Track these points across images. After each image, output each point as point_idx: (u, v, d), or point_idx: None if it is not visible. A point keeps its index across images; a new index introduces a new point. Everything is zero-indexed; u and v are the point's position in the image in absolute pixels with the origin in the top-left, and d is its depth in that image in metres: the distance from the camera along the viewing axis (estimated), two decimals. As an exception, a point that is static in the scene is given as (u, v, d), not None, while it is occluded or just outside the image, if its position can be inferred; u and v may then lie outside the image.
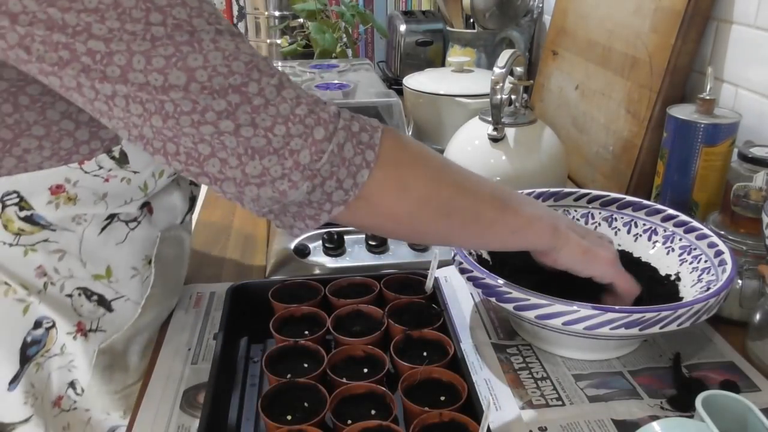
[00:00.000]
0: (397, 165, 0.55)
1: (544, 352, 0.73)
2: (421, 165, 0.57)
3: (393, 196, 0.55)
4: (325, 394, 0.60)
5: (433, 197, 0.57)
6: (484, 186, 0.62)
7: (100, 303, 0.68)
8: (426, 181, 0.57)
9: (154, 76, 0.46)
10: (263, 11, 2.11)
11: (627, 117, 1.05)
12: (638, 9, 1.04)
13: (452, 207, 0.58)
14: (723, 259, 0.71)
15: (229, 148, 0.48)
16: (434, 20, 1.70)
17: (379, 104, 1.16)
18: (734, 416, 0.52)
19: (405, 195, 0.55)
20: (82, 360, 0.68)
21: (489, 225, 0.61)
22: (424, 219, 0.58)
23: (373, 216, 0.58)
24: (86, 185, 0.61)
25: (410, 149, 0.57)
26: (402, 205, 0.56)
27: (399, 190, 0.55)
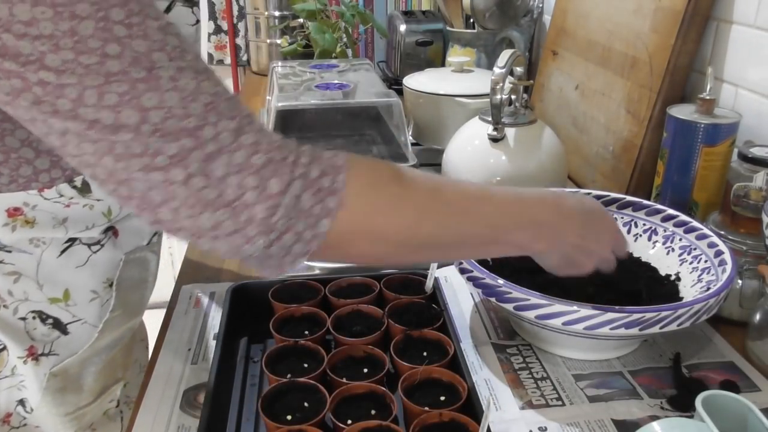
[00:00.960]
0: (367, 209, 0.49)
1: (544, 352, 0.73)
2: (397, 207, 0.51)
3: (364, 243, 0.51)
4: (325, 394, 0.60)
5: (412, 237, 0.52)
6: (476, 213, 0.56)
7: (55, 326, 0.67)
8: (402, 226, 0.51)
9: (105, 113, 0.42)
10: (263, 11, 2.11)
11: (627, 117, 1.05)
12: (638, 9, 1.04)
13: (438, 242, 0.54)
14: (723, 259, 0.71)
15: (181, 198, 0.45)
16: (434, 20, 1.70)
17: (379, 104, 1.16)
18: (734, 416, 0.52)
19: (378, 241, 0.51)
20: (32, 382, 0.68)
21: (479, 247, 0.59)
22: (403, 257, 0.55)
23: (349, 258, 0.56)
24: (45, 209, 0.60)
25: (384, 189, 0.50)
26: (376, 249, 0.52)
27: (370, 237, 0.50)
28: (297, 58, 1.72)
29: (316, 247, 0.48)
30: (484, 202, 0.56)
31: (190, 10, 0.64)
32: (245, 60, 2.46)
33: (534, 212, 0.60)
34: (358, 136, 1.21)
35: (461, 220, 0.54)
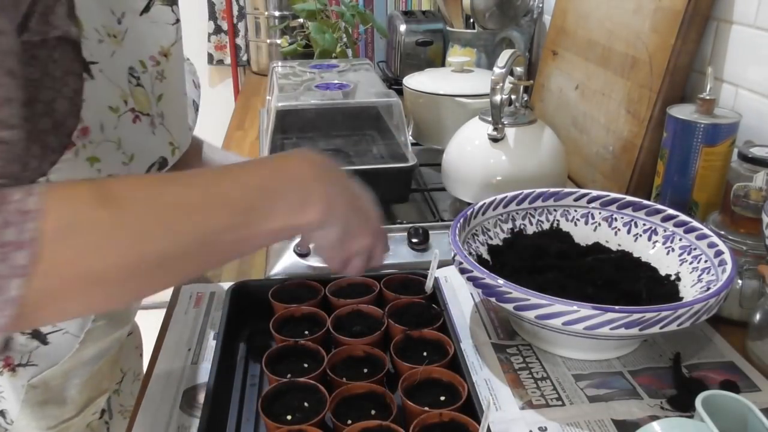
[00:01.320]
0: (71, 256, 0.41)
1: (544, 352, 0.73)
2: (109, 236, 0.42)
3: (78, 294, 0.42)
4: (325, 394, 0.60)
5: (136, 267, 0.43)
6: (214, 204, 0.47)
7: (34, 336, 0.64)
8: (120, 257, 0.42)
9: None
10: (263, 11, 2.12)
11: (627, 117, 1.05)
12: (638, 9, 1.04)
13: (173, 259, 0.45)
14: (723, 259, 0.71)
15: None
16: (434, 20, 1.70)
17: (379, 104, 1.16)
18: (734, 416, 0.52)
19: (95, 285, 0.42)
20: (10, 393, 0.65)
21: (235, 246, 0.49)
22: (136, 291, 0.46)
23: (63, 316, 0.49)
24: None
25: (88, 221, 0.41)
26: (95, 295, 0.43)
27: (84, 284, 0.42)
28: (297, 58, 1.72)
29: (12, 316, 0.39)
30: (221, 185, 0.48)
31: (169, 8, 0.64)
32: (245, 60, 2.47)
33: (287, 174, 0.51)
34: (358, 136, 1.21)
35: (196, 219, 0.46)
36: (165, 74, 0.64)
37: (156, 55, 0.63)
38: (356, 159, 1.13)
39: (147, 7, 0.62)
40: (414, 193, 1.10)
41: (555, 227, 0.87)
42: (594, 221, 0.87)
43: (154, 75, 0.63)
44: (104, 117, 0.58)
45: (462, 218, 0.79)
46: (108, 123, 0.58)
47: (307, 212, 0.51)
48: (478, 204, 0.83)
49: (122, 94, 0.60)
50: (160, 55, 0.63)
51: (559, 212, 0.88)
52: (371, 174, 1.03)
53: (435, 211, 1.05)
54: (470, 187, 1.01)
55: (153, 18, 0.62)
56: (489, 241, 0.83)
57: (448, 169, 1.05)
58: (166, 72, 0.64)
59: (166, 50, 0.64)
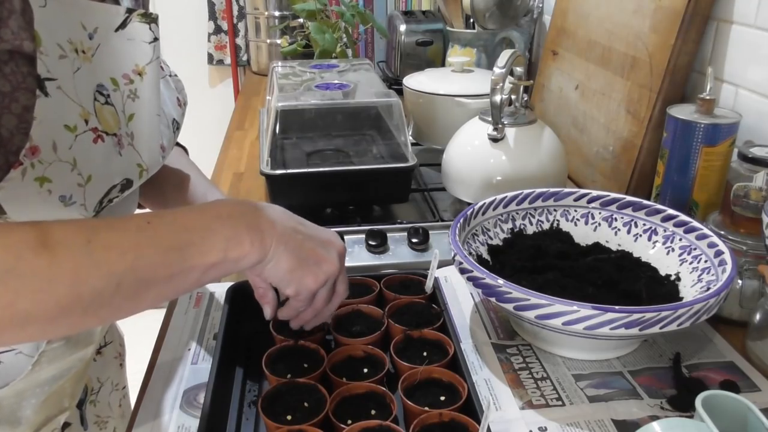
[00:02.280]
0: (7, 301, 0.43)
1: (544, 352, 0.73)
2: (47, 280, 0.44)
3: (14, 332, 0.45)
4: (325, 394, 0.60)
5: (71, 307, 0.46)
6: (147, 245, 0.50)
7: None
8: (55, 299, 0.45)
9: None
10: (263, 11, 2.12)
11: (627, 117, 1.05)
12: (638, 9, 1.04)
13: (108, 296, 0.47)
14: (723, 259, 0.71)
15: None
16: (434, 20, 1.70)
17: (379, 104, 1.16)
18: (734, 416, 0.52)
19: (28, 324, 0.45)
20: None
21: (169, 283, 0.51)
22: (71, 326, 0.49)
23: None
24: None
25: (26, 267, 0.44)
26: (29, 332, 0.46)
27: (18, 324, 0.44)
28: (297, 58, 1.72)
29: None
30: (155, 229, 0.51)
31: (147, 26, 0.61)
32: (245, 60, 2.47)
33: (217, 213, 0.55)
34: (358, 136, 1.21)
35: (129, 258, 0.48)
36: (138, 93, 0.62)
37: (130, 73, 0.61)
38: (356, 159, 1.13)
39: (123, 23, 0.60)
40: (414, 193, 1.10)
41: (555, 227, 0.87)
42: (594, 221, 0.87)
43: (126, 93, 0.61)
44: (58, 136, 0.54)
45: (462, 218, 0.79)
46: (62, 142, 0.55)
47: (242, 245, 0.54)
48: (478, 204, 0.83)
49: (83, 112, 0.56)
50: (134, 73, 0.61)
51: (559, 212, 0.88)
52: (371, 174, 1.03)
53: (435, 211, 1.05)
54: (470, 187, 1.01)
55: (129, 35, 0.60)
56: (489, 241, 0.83)
57: (448, 169, 1.05)
58: (140, 91, 0.62)
59: (140, 69, 0.61)
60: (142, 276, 0.49)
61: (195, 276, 0.52)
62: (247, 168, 1.32)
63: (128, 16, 0.60)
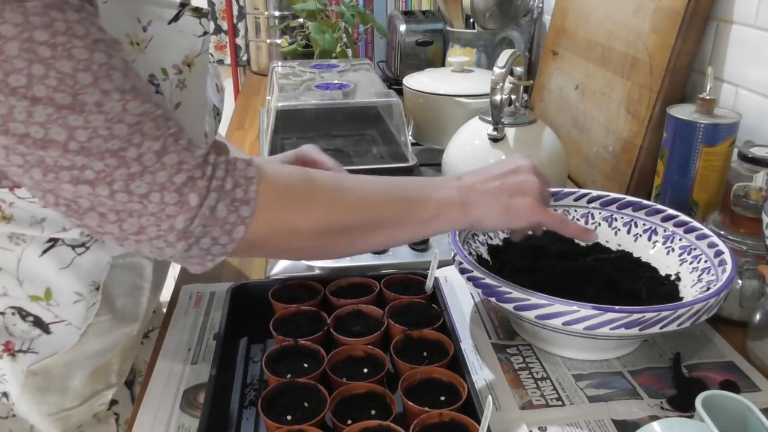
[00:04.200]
0: (280, 212, 0.55)
1: (544, 352, 0.73)
2: (309, 204, 0.57)
3: (283, 239, 0.57)
4: (325, 394, 0.60)
5: (326, 227, 0.57)
6: (386, 191, 0.62)
7: (36, 324, 0.67)
8: (316, 218, 0.57)
9: (35, 129, 0.46)
10: (263, 11, 2.11)
11: (627, 117, 1.05)
12: (638, 9, 1.04)
13: (352, 226, 0.59)
14: (723, 259, 0.71)
15: (106, 207, 0.50)
16: (434, 20, 1.70)
17: (379, 104, 1.16)
18: (734, 416, 0.52)
19: (295, 235, 0.56)
20: (11, 377, 0.67)
21: (397, 226, 0.61)
22: (324, 244, 0.59)
23: (269, 251, 0.64)
24: (22, 207, 0.60)
25: (295, 190, 0.57)
26: (295, 242, 0.57)
27: (288, 233, 0.56)
28: (297, 58, 1.72)
29: (234, 249, 0.54)
30: (384, 183, 0.62)
31: (198, 21, 0.64)
32: (245, 60, 2.46)
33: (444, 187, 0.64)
34: (358, 136, 1.21)
35: (376, 193, 0.61)
36: (186, 83, 0.64)
37: (179, 64, 0.64)
38: (356, 159, 1.13)
39: (176, 17, 0.63)
40: (414, 193, 1.10)
41: (555, 227, 0.87)
42: (594, 221, 0.87)
43: (175, 83, 0.64)
44: None
45: (462, 218, 0.79)
46: None
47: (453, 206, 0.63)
48: (478, 204, 0.83)
49: None
50: (184, 64, 0.64)
51: (559, 212, 0.88)
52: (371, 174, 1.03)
53: (435, 211, 1.04)
54: (470, 187, 1.00)
55: (180, 28, 0.63)
56: (489, 241, 0.83)
57: (448, 169, 1.05)
58: (188, 81, 0.64)
59: (190, 60, 0.64)
60: (376, 216, 0.60)
61: (416, 226, 0.62)
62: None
63: (181, 9, 0.63)
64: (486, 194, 0.64)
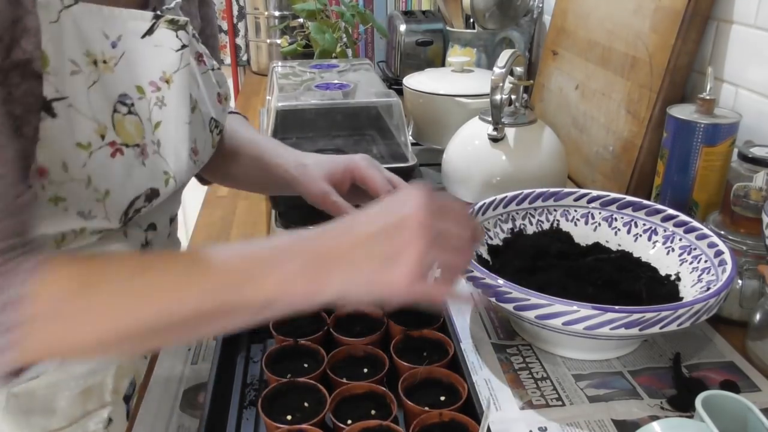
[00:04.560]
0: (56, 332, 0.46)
1: (544, 352, 0.73)
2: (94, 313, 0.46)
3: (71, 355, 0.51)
4: (325, 394, 0.60)
5: (116, 339, 0.47)
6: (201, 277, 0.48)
7: None
8: (104, 330, 0.47)
9: None
10: (263, 11, 2.11)
11: (627, 117, 1.05)
12: (638, 9, 1.04)
13: (156, 329, 0.48)
14: (723, 259, 0.71)
15: None
16: (434, 20, 1.70)
17: (379, 104, 1.16)
18: (734, 416, 0.52)
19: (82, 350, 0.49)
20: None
21: (221, 317, 0.49)
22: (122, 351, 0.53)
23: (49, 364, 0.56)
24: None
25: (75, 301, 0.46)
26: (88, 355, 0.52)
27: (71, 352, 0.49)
28: (297, 58, 1.71)
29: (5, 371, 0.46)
30: (211, 265, 0.49)
31: (174, 33, 0.60)
32: (245, 60, 2.46)
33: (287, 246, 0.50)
34: (358, 136, 1.21)
35: (177, 296, 0.48)
36: (165, 101, 0.61)
37: (157, 80, 0.60)
38: (356, 159, 1.12)
39: (150, 30, 0.59)
40: (414, 193, 1.10)
41: (555, 227, 0.87)
42: (594, 221, 0.87)
43: (153, 101, 0.60)
44: (69, 155, 0.54)
45: (462, 218, 0.79)
46: (74, 161, 0.54)
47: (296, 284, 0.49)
48: (478, 204, 0.83)
49: (98, 128, 0.55)
50: (162, 81, 0.60)
51: (559, 212, 0.88)
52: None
53: (435, 211, 1.04)
54: (470, 187, 1.01)
55: (156, 41, 0.59)
56: (489, 241, 0.83)
57: (448, 169, 1.05)
58: (168, 99, 0.61)
59: (168, 77, 0.61)
60: (188, 312, 0.47)
61: (247, 314, 0.49)
62: (247, 168, 1.32)
63: (155, 22, 0.59)
64: (346, 263, 0.48)
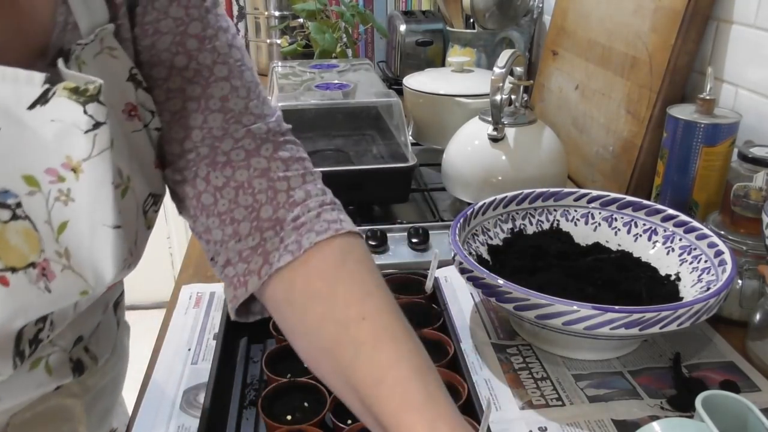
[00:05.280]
0: None
1: (544, 352, 0.73)
2: None
3: None
4: (325, 394, 0.60)
5: None
6: None
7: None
8: None
9: None
10: (263, 11, 2.11)
11: (627, 117, 1.05)
12: (638, 9, 1.04)
13: None
14: (723, 259, 0.71)
15: None
16: (434, 20, 1.70)
17: (379, 104, 1.17)
18: (734, 416, 0.52)
19: None
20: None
21: None
22: None
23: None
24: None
25: None
26: None
27: None
28: (297, 58, 1.72)
29: None
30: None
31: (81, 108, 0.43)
32: (245, 60, 2.47)
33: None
34: (358, 136, 1.21)
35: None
36: (73, 195, 0.44)
37: (58, 168, 0.43)
38: (356, 159, 1.13)
39: (43, 98, 0.42)
40: (414, 193, 1.10)
41: (555, 227, 0.87)
42: (594, 221, 0.87)
43: (54, 195, 0.44)
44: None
45: (462, 218, 0.79)
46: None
47: None
48: (478, 204, 0.83)
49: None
50: (66, 168, 0.44)
51: (559, 212, 0.88)
52: (371, 174, 1.03)
53: (435, 211, 1.05)
54: (470, 187, 1.01)
55: (52, 115, 0.42)
56: (489, 241, 0.83)
57: (448, 169, 1.05)
58: (75, 192, 0.44)
59: (75, 165, 0.44)
60: None
61: None
62: (247, 168, 1.32)
63: (49, 88, 0.42)
64: None
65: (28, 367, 0.50)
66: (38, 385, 0.52)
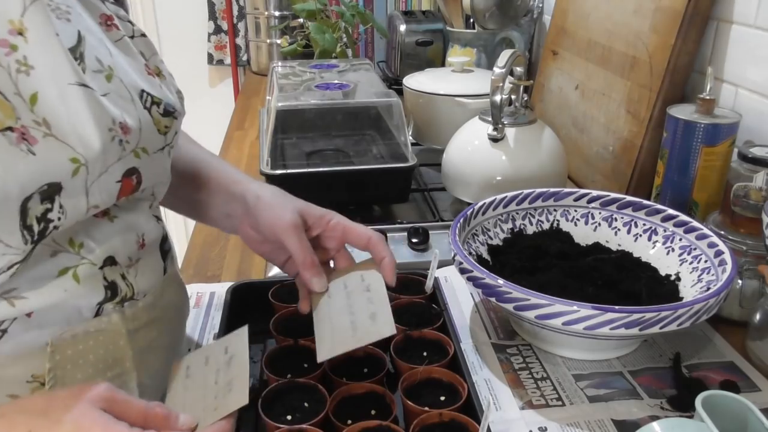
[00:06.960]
0: None
1: (544, 352, 0.73)
2: None
3: None
4: (325, 394, 0.60)
5: None
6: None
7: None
8: None
9: None
10: (263, 11, 2.12)
11: (627, 117, 1.05)
12: (638, 9, 1.04)
13: None
14: (723, 259, 0.71)
15: None
16: (434, 20, 1.70)
17: (379, 104, 1.16)
18: (734, 416, 0.52)
19: None
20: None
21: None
22: None
23: None
24: None
25: None
26: None
27: None
28: (297, 58, 1.72)
29: None
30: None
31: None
32: (245, 60, 2.47)
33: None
34: (358, 136, 1.21)
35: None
36: (29, 62, 0.44)
37: (7, 36, 0.43)
38: (356, 159, 1.13)
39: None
40: (414, 193, 1.10)
41: (555, 227, 0.87)
42: (594, 221, 0.87)
43: (14, 67, 0.44)
44: None
45: (462, 218, 0.79)
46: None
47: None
48: (478, 204, 0.83)
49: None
50: (13, 34, 0.43)
51: (559, 212, 0.88)
52: (371, 174, 1.03)
53: (435, 211, 1.05)
54: (470, 187, 1.01)
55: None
56: (489, 241, 0.83)
57: (448, 169, 1.05)
58: (31, 58, 0.44)
59: (18, 26, 0.44)
60: None
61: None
62: (247, 168, 1.32)
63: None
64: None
65: (56, 272, 0.49)
66: (65, 290, 0.50)
